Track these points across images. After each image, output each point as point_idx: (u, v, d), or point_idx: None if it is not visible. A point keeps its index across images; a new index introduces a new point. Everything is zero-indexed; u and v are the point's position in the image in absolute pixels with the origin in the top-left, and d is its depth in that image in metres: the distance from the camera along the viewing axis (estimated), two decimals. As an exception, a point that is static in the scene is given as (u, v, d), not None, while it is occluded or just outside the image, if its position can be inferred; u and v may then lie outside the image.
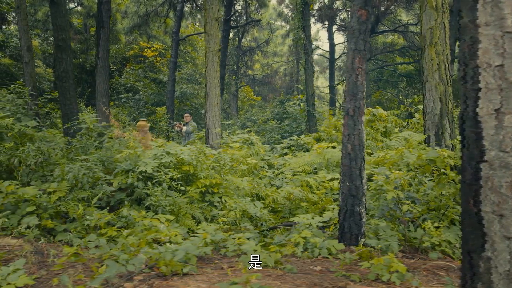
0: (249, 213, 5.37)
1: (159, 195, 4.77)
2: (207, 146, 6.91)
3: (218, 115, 9.88)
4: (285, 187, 7.04)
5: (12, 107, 5.25)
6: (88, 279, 2.47)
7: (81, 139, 5.46)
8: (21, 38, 15.43)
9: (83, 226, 3.92)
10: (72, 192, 4.21)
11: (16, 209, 4.03)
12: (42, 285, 2.71)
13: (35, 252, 3.36)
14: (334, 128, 11.16)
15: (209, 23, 9.89)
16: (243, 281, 2.20)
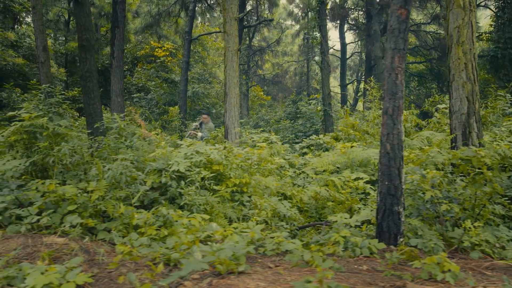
0: (280, 212, 5.38)
1: (193, 194, 4.79)
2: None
3: (237, 115, 9.89)
4: (309, 187, 7.04)
5: (44, 106, 5.28)
6: (149, 277, 2.49)
7: (112, 138, 5.49)
8: (37, 38, 15.53)
9: (123, 225, 3.94)
10: (111, 191, 4.23)
11: (57, 208, 4.06)
12: (98, 282, 2.73)
13: (82, 251, 3.38)
14: (352, 127, 11.15)
15: (228, 23, 9.91)
16: (317, 280, 2.20)
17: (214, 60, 31.81)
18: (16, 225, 3.78)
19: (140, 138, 5.88)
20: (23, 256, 3.24)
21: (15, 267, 2.87)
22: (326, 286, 2.13)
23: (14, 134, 5.01)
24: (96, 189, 4.10)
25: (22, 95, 20.64)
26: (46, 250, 3.32)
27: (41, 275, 2.64)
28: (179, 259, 2.96)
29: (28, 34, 24.32)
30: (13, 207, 4.02)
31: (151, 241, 3.68)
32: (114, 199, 4.13)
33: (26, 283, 2.64)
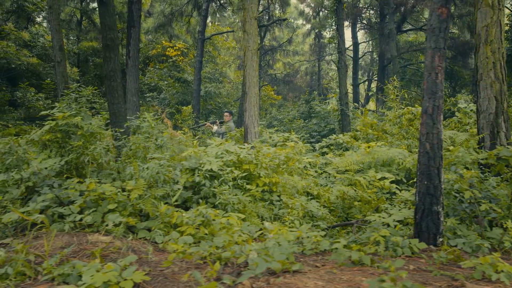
0: (311, 212, 5.38)
1: (227, 193, 4.80)
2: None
3: (257, 114, 9.89)
4: (335, 186, 7.03)
5: (76, 105, 5.31)
6: (213, 276, 2.49)
7: (143, 138, 5.51)
8: (53, 38, 15.60)
9: (163, 224, 3.96)
10: (148, 190, 4.25)
11: (97, 207, 4.09)
12: (153, 281, 2.75)
13: (129, 250, 3.40)
14: (370, 127, 11.12)
15: (248, 22, 9.91)
16: (390, 279, 2.20)
17: (225, 59, 31.83)
18: (60, 223, 3.80)
19: (168, 137, 5.89)
20: (70, 254, 3.26)
21: (68, 265, 2.89)
22: (401, 285, 2.13)
23: (48, 133, 5.05)
24: (134, 188, 4.11)
25: (36, 94, 20.79)
26: (93, 248, 3.34)
27: (98, 273, 2.65)
28: (229, 258, 2.97)
29: (42, 33, 24.45)
30: (54, 205, 4.05)
31: (196, 240, 3.69)
32: (152, 198, 4.14)
33: (84, 280, 2.66)
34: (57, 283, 2.77)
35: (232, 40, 32.27)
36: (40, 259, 3.10)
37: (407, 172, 7.46)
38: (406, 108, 9.75)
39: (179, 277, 2.77)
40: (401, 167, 7.52)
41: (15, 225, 3.86)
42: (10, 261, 2.98)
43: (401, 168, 7.52)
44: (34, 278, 2.88)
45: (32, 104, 19.87)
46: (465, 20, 19.09)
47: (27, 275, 2.89)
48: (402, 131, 9.42)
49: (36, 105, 20.07)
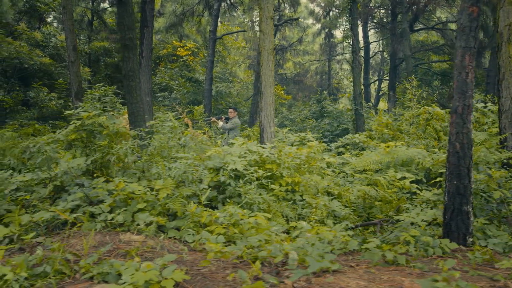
0: (334, 211, 5.37)
1: (252, 193, 4.81)
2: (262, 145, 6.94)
3: (273, 114, 9.88)
4: (355, 186, 7.02)
5: (99, 105, 5.34)
6: (258, 275, 2.49)
7: (166, 137, 5.52)
8: (67, 38, 15.68)
9: (194, 223, 3.97)
10: (177, 190, 4.26)
11: (126, 206, 4.11)
12: (193, 280, 2.75)
13: (163, 249, 3.41)
14: (386, 126, 11.08)
15: (264, 22, 9.90)
16: (443, 279, 2.19)
17: (235, 59, 31.85)
18: (91, 222, 3.82)
19: (190, 137, 5.91)
20: (104, 253, 3.28)
21: (106, 263, 2.90)
22: (455, 285, 2.12)
23: (73, 132, 5.07)
24: (162, 188, 4.13)
25: (49, 94, 20.92)
26: (126, 248, 3.36)
27: (138, 272, 2.67)
28: (266, 257, 2.98)
29: (54, 33, 24.59)
30: (84, 204, 4.08)
31: (227, 240, 3.70)
32: (180, 197, 4.15)
33: (124, 279, 2.67)
34: (96, 281, 2.79)
35: (242, 40, 32.28)
36: (75, 257, 3.12)
37: (426, 172, 7.42)
38: (422, 108, 9.70)
39: (218, 276, 2.77)
40: (420, 166, 7.49)
41: (46, 224, 3.88)
42: (47, 259, 3.00)
43: (420, 168, 7.49)
44: (73, 277, 2.90)
45: (45, 104, 20.00)
46: (479, 19, 18.92)
47: (66, 273, 2.91)
48: (419, 130, 9.37)
49: (49, 105, 20.20)
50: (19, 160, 6.69)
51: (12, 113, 20.09)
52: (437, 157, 7.51)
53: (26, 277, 2.78)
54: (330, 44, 32.12)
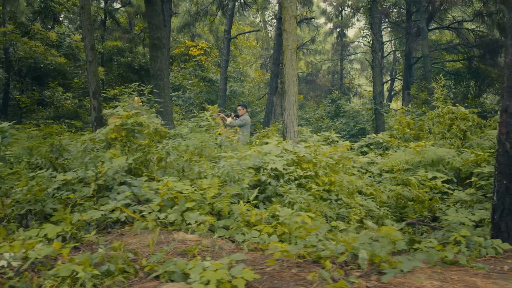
0: (372, 211, 5.36)
1: (294, 192, 4.81)
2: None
3: (296, 113, 9.87)
4: (383, 186, 7.00)
5: (134, 104, 5.36)
6: (340, 275, 2.49)
7: (201, 137, 5.53)
8: (85, 38, 15.71)
9: (243, 222, 3.98)
10: (222, 189, 4.27)
11: (173, 205, 4.12)
12: (260, 279, 2.75)
13: (219, 248, 3.42)
14: (407, 126, 11.04)
15: (288, 21, 9.89)
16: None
17: (247, 59, 31.87)
18: (142, 221, 3.84)
19: (224, 136, 5.91)
20: (161, 251, 3.28)
21: (170, 262, 2.91)
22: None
23: (113, 132, 5.10)
24: (210, 187, 4.13)
25: (64, 93, 21.05)
26: (182, 247, 3.37)
27: (209, 271, 2.67)
28: (329, 256, 2.97)
29: (68, 33, 24.72)
30: (133, 203, 4.09)
31: (280, 239, 3.70)
32: (227, 196, 4.16)
33: (193, 278, 2.68)
34: (164, 280, 2.80)
35: (253, 39, 32.29)
36: (135, 256, 3.13)
37: (456, 172, 7.40)
38: (446, 107, 9.66)
39: (285, 275, 2.78)
40: (449, 166, 7.46)
41: (96, 223, 3.90)
42: (109, 258, 3.01)
43: (449, 168, 7.46)
44: (137, 276, 2.91)
45: (61, 103, 20.12)
46: (494, 18, 18.85)
47: (129, 272, 2.92)
48: (444, 130, 9.33)
49: (64, 105, 20.32)
50: (46, 159, 6.73)
51: (28, 112, 20.24)
52: (466, 156, 7.48)
53: (92, 276, 2.79)
54: (343, 44, 32.07)
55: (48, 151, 6.95)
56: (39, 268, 3.00)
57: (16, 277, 2.84)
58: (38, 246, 3.42)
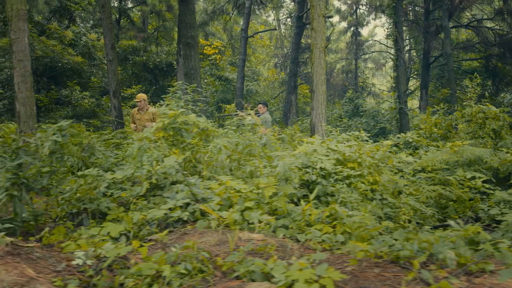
0: (420, 210, 5.33)
1: (345, 191, 4.78)
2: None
3: (324, 112, 9.84)
4: (418, 186, 6.95)
5: (181, 103, 5.36)
6: (442, 275, 2.46)
7: (248, 136, 5.51)
8: (105, 37, 15.74)
9: (303, 222, 3.95)
10: (279, 188, 4.25)
11: (231, 204, 4.11)
12: (345, 279, 2.73)
13: (286, 248, 3.39)
14: (434, 125, 10.98)
15: (316, 20, 9.86)
16: None
17: (261, 58, 31.83)
18: (204, 220, 3.83)
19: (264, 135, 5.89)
20: (223, 251, 3.27)
21: (248, 261, 2.89)
22: None
23: (161, 131, 5.09)
24: (267, 186, 4.12)
25: (81, 93, 21.09)
26: (250, 246, 3.34)
27: (294, 271, 2.65)
28: (408, 256, 2.94)
29: (84, 32, 24.79)
30: (192, 202, 4.08)
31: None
32: (285, 196, 4.14)
33: (278, 278, 2.66)
34: (246, 280, 2.78)
35: (266, 38, 32.24)
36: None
37: (494, 172, 7.33)
38: (476, 107, 9.58)
39: (369, 275, 2.75)
40: (486, 166, 7.39)
41: (156, 222, 3.89)
42: (184, 257, 3.00)
43: (486, 168, 7.39)
44: (216, 275, 2.90)
45: (78, 102, 20.16)
46: None
47: (205, 271, 2.91)
48: (475, 129, 9.26)
49: (82, 104, 20.37)
50: (79, 158, 6.74)
51: (46, 111, 20.31)
52: (503, 156, 7.42)
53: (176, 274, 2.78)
54: (357, 42, 31.95)
55: (80, 150, 6.97)
56: (115, 267, 3.00)
57: (96, 276, 2.84)
58: (107, 245, 3.42)
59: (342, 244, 3.55)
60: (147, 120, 9.67)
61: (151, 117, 9.75)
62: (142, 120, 9.66)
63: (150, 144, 4.49)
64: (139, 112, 9.69)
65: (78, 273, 2.90)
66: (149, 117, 9.72)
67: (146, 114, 9.68)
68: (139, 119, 9.68)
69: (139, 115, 9.67)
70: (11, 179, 3.93)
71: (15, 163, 4.14)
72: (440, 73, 26.77)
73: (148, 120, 9.67)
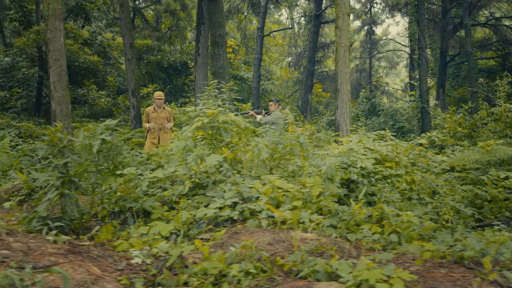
0: (459, 210, 5.28)
1: (387, 191, 4.75)
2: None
3: (349, 112, 9.80)
4: (450, 185, 6.89)
5: (217, 102, 5.35)
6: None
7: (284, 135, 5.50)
8: (124, 36, 15.82)
9: (351, 222, 3.93)
10: (325, 187, 4.23)
11: (278, 203, 4.09)
12: (413, 279, 2.70)
13: (342, 247, 3.37)
14: (459, 125, 10.89)
15: (341, 18, 9.81)
16: None
17: (274, 57, 31.80)
18: (254, 219, 3.81)
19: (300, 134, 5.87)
20: (278, 250, 3.25)
21: (311, 261, 2.87)
22: None
23: (199, 130, 5.09)
24: (314, 185, 4.10)
25: (97, 92, 21.23)
26: (304, 245, 3.32)
27: (362, 271, 2.63)
28: (472, 257, 2.91)
29: (99, 32, 24.91)
30: (240, 201, 4.07)
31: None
32: (331, 195, 4.12)
33: (345, 278, 2.64)
34: (312, 280, 2.76)
35: (279, 38, 32.20)
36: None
37: (527, 171, 7.24)
38: (504, 105, 9.49)
39: (436, 275, 2.72)
40: (517, 165, 7.32)
41: (206, 221, 3.89)
42: (243, 256, 2.98)
43: (519, 167, 7.32)
44: (277, 274, 2.88)
45: (95, 101, 20.29)
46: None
47: (266, 271, 2.89)
48: (504, 127, 9.18)
49: (99, 103, 20.50)
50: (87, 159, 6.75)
51: (63, 110, 20.44)
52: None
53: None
54: (371, 41, 31.81)
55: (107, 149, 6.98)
56: (175, 266, 2.99)
57: (159, 275, 2.84)
58: (161, 244, 3.43)
59: (398, 245, 3.52)
60: (164, 119, 9.57)
61: (167, 116, 9.67)
62: (158, 119, 9.53)
63: (193, 143, 4.48)
64: (155, 111, 9.59)
65: (142, 271, 2.90)
66: (165, 115, 9.63)
67: (163, 112, 9.59)
68: (155, 118, 9.53)
69: (156, 113, 9.56)
70: (60, 178, 3.94)
71: (62, 162, 4.16)
72: (455, 72, 26.58)
73: (164, 118, 9.57)
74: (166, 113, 9.63)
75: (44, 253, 2.91)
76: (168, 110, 9.68)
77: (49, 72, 5.97)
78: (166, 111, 9.64)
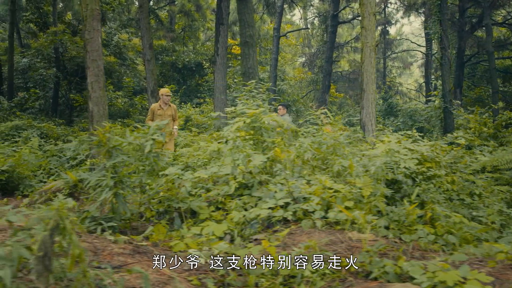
0: (504, 211, 5.23)
1: (433, 191, 4.71)
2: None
3: (374, 112, 9.75)
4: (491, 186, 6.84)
5: (255, 102, 5.34)
6: None
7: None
8: (143, 37, 15.85)
9: (406, 222, 3.90)
10: (375, 188, 4.21)
11: (327, 203, 4.07)
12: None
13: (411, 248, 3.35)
14: (484, 125, 10.81)
15: (367, 18, 9.76)
16: None
17: (287, 57, 31.77)
18: (308, 220, 3.80)
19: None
20: (338, 251, 3.23)
21: (380, 262, 2.85)
22: None
23: (240, 130, 5.08)
24: (365, 185, 4.07)
25: (114, 92, 21.28)
26: (362, 246, 3.30)
27: (438, 272, 2.60)
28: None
29: (115, 32, 24.99)
30: (292, 202, 4.06)
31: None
32: (382, 195, 4.10)
33: (419, 279, 2.62)
34: (383, 281, 2.74)
35: (293, 38, 32.15)
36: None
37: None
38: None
39: (510, 277, 2.69)
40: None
41: (259, 222, 3.88)
42: (308, 257, 2.96)
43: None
44: (343, 275, 2.86)
45: (112, 102, 20.33)
46: None
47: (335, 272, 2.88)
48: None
49: (116, 103, 20.55)
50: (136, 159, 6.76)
51: (81, 111, 20.57)
52: None
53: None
54: (386, 41, 31.67)
55: (135, 149, 6.99)
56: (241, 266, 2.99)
57: (228, 275, 2.84)
58: (220, 244, 3.43)
59: (457, 246, 3.49)
60: (169, 116, 9.30)
61: (173, 113, 9.49)
62: (164, 116, 9.24)
63: (241, 143, 4.48)
64: (161, 108, 9.34)
65: (210, 272, 2.90)
66: (171, 113, 9.40)
67: (169, 109, 9.37)
68: (161, 115, 9.22)
69: (161, 110, 9.30)
70: (114, 178, 3.96)
71: (112, 162, 4.17)
72: (471, 72, 26.36)
73: (170, 116, 9.33)
74: (172, 111, 9.39)
75: (112, 253, 2.92)
76: (173, 107, 9.45)
77: (86, 73, 5.99)
78: (172, 108, 9.41)
